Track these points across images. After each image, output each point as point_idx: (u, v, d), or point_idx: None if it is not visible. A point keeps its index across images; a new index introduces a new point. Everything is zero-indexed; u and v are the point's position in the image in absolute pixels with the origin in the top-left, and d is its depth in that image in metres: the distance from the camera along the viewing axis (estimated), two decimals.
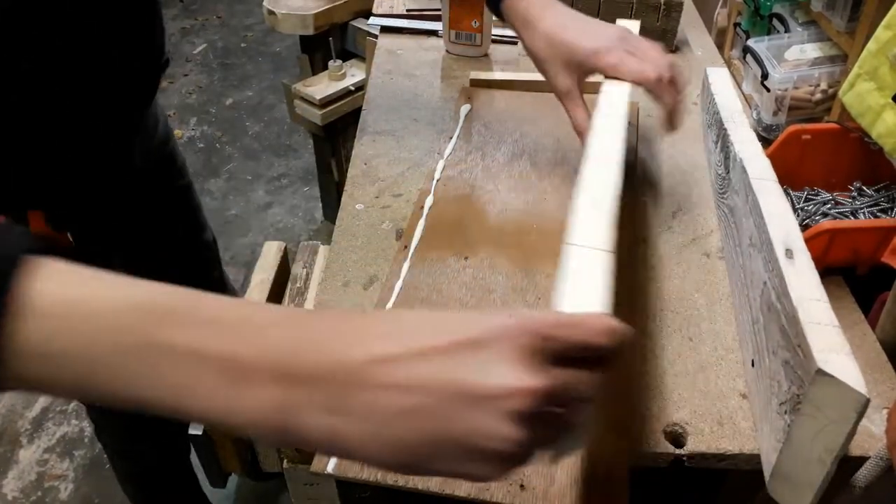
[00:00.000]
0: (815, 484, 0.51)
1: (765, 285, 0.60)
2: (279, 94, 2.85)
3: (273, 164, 2.55)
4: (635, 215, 0.83)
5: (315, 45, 1.78)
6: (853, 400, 0.47)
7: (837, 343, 0.50)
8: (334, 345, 0.34)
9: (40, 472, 1.56)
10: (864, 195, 0.83)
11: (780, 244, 0.59)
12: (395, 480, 0.55)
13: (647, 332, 0.69)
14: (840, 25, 0.92)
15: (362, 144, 0.94)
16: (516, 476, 0.55)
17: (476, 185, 0.86)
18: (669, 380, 0.64)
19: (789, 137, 0.82)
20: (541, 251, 0.76)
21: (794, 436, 0.50)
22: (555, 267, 0.73)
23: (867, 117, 0.72)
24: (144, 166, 0.89)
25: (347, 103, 1.75)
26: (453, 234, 0.78)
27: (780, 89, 0.97)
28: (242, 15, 3.52)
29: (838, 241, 0.72)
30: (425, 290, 0.71)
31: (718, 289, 0.74)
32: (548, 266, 0.74)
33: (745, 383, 0.64)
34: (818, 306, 0.53)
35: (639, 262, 0.77)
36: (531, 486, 0.55)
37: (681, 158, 0.92)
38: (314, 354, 0.33)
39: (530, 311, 0.37)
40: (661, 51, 0.74)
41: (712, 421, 0.61)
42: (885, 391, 0.64)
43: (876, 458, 0.54)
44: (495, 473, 0.34)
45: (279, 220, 2.30)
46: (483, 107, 1.00)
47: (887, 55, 0.69)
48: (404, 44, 1.17)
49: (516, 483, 0.55)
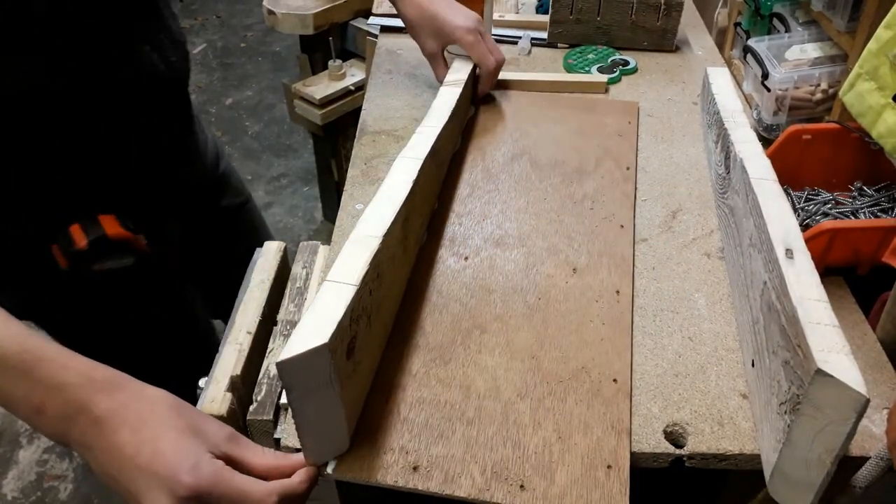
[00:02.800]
0: (815, 484, 0.51)
1: (765, 285, 0.60)
2: (279, 94, 2.85)
3: (273, 164, 2.55)
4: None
5: (315, 44, 1.78)
6: (853, 400, 0.47)
7: (837, 343, 0.50)
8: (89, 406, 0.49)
9: (40, 473, 1.56)
10: (865, 195, 0.83)
11: (780, 244, 0.59)
12: (394, 481, 0.55)
13: (647, 331, 0.69)
14: (840, 25, 0.92)
15: (362, 144, 0.94)
16: (516, 476, 0.55)
17: (476, 186, 0.86)
18: (669, 380, 0.64)
19: (790, 137, 0.82)
20: (540, 251, 0.77)
21: (794, 436, 0.50)
22: (556, 267, 0.74)
23: (868, 117, 0.72)
24: (193, 184, 0.92)
25: (347, 103, 1.75)
26: (454, 236, 0.78)
27: (780, 89, 0.97)
28: (242, 15, 3.52)
29: (839, 241, 0.72)
30: (427, 292, 0.71)
31: (718, 289, 0.74)
32: (548, 267, 0.74)
33: (745, 383, 0.64)
34: (818, 306, 0.53)
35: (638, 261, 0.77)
36: (531, 487, 0.55)
37: (681, 158, 0.92)
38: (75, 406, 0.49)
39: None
40: (499, 50, 0.98)
41: (712, 421, 0.61)
42: (885, 391, 0.64)
43: (876, 458, 0.54)
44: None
45: (279, 220, 2.30)
46: (483, 107, 1.01)
47: (888, 55, 0.69)
48: (404, 44, 1.17)
49: (516, 483, 0.55)
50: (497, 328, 0.68)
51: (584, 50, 1.15)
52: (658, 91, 1.06)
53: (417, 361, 0.64)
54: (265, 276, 0.76)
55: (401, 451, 0.57)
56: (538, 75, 1.07)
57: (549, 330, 0.68)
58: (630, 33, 1.14)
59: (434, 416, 0.60)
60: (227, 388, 0.64)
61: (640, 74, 1.10)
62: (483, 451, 0.57)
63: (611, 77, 1.07)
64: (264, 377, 0.65)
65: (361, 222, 0.62)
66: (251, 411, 0.62)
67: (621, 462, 0.57)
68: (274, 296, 0.75)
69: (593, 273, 0.74)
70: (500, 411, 0.60)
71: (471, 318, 0.69)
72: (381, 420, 0.59)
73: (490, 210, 0.82)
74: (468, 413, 0.60)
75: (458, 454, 0.57)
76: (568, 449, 0.57)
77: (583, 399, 0.61)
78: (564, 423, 0.59)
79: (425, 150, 0.74)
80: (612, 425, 0.59)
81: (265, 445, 0.65)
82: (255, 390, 0.64)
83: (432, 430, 0.58)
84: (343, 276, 0.55)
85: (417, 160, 0.72)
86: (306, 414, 0.51)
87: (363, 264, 0.57)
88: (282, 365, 0.48)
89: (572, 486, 0.55)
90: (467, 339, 0.66)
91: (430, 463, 0.56)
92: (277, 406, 0.63)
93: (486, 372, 0.63)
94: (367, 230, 0.61)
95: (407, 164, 0.71)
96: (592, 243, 0.77)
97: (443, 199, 0.84)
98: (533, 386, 0.62)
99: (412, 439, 0.58)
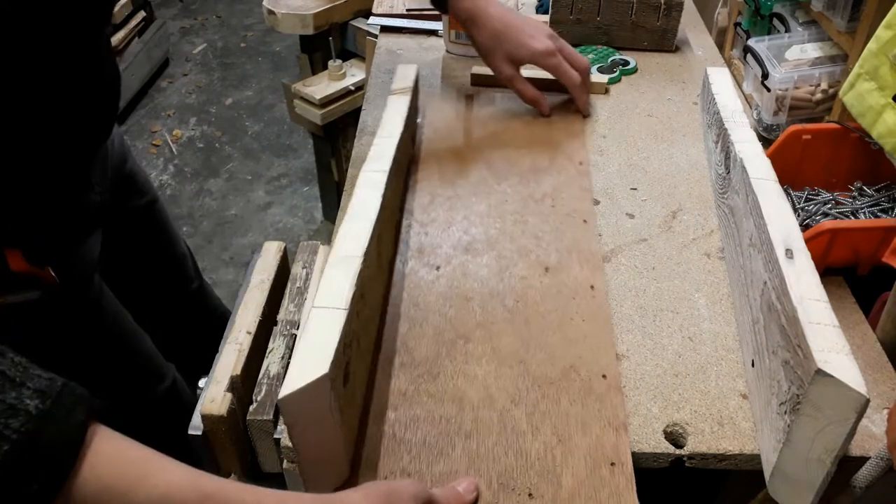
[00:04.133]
0: (815, 484, 0.51)
1: (765, 285, 0.60)
2: (279, 94, 2.85)
3: (273, 163, 2.54)
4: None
5: (315, 44, 1.77)
6: (853, 400, 0.47)
7: (837, 343, 0.50)
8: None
9: None
10: (865, 195, 0.83)
11: (780, 244, 0.59)
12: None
13: (647, 332, 0.69)
14: (840, 25, 0.92)
15: (362, 144, 0.94)
16: (523, 486, 0.55)
17: (436, 193, 0.84)
18: (669, 380, 0.64)
19: (790, 137, 0.82)
20: (511, 254, 0.76)
21: (794, 436, 0.50)
22: (528, 268, 0.74)
23: (868, 117, 0.72)
24: (102, 189, 0.85)
25: (347, 103, 1.75)
26: (422, 246, 0.77)
27: (780, 89, 0.97)
28: (242, 15, 3.52)
29: (839, 241, 0.72)
30: (403, 306, 0.70)
31: (718, 289, 0.74)
32: (521, 268, 0.74)
33: (745, 383, 0.64)
34: (818, 306, 0.53)
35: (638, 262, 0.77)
36: (539, 494, 0.54)
37: (681, 158, 0.92)
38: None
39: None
40: (580, 55, 0.97)
41: (712, 421, 0.61)
42: (885, 391, 0.64)
43: (876, 458, 0.54)
44: None
45: (279, 220, 2.30)
46: (429, 111, 0.99)
47: (888, 55, 0.69)
48: (404, 44, 1.17)
49: (524, 492, 0.54)
50: (481, 336, 0.67)
51: (584, 50, 1.15)
52: (658, 91, 1.06)
53: (405, 379, 0.63)
54: (265, 276, 0.76)
55: (402, 473, 0.56)
56: (537, 72, 1.07)
57: (532, 332, 0.67)
58: (630, 33, 1.14)
59: (431, 434, 0.58)
60: (227, 388, 0.64)
61: (640, 74, 1.10)
62: (486, 463, 0.56)
63: (611, 77, 1.07)
64: (264, 377, 0.65)
65: (338, 241, 0.61)
66: (251, 411, 0.62)
67: (623, 458, 0.57)
68: (274, 296, 0.75)
69: (565, 270, 0.74)
70: (496, 420, 0.59)
71: (452, 328, 0.67)
72: (377, 444, 0.58)
73: (454, 216, 0.81)
74: (465, 426, 0.59)
75: (461, 470, 0.56)
76: (569, 451, 0.57)
77: (576, 399, 0.61)
78: (562, 425, 0.59)
79: (388, 162, 0.72)
80: (608, 422, 0.59)
81: (265, 445, 0.65)
82: (255, 390, 0.64)
83: (431, 448, 0.57)
84: (331, 301, 0.54)
85: (383, 173, 0.71)
86: (309, 446, 0.51)
87: (349, 286, 0.56)
88: (283, 401, 0.47)
89: (580, 488, 0.55)
90: (452, 351, 0.65)
91: (433, 482, 0.55)
92: (277, 406, 0.63)
93: (477, 381, 0.62)
94: (346, 250, 0.60)
95: (374, 178, 0.70)
96: (560, 241, 0.77)
97: (405, 209, 0.82)
98: (525, 391, 0.62)
99: (412, 460, 0.56)
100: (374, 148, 0.75)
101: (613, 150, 0.94)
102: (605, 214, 0.83)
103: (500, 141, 0.93)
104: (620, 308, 0.71)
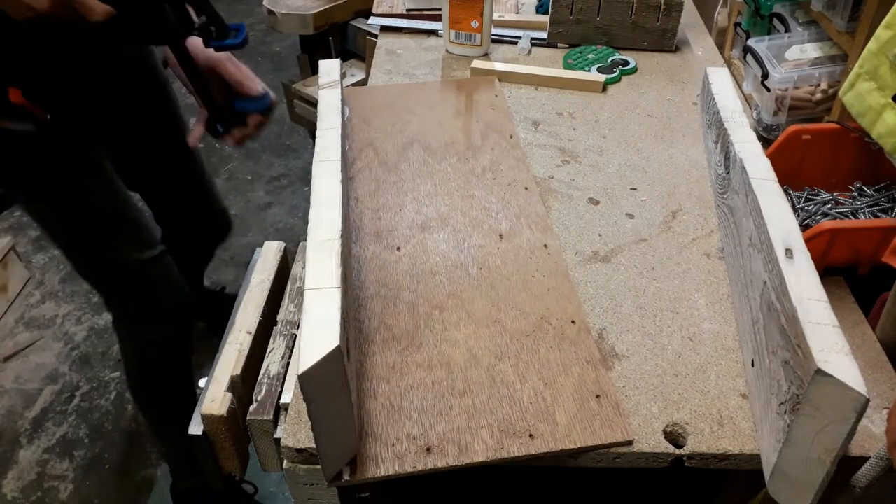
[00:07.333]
0: (815, 484, 0.51)
1: (765, 285, 0.60)
2: (279, 94, 2.84)
3: (273, 164, 2.55)
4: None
5: (315, 44, 1.78)
6: (853, 400, 0.47)
7: (837, 343, 0.50)
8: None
9: (40, 473, 1.56)
10: (865, 195, 0.83)
11: (780, 244, 0.59)
12: (413, 467, 0.56)
13: (647, 332, 0.69)
14: (840, 25, 0.92)
15: None
16: (522, 429, 0.58)
17: (380, 180, 0.87)
18: (669, 380, 0.64)
19: (789, 137, 0.82)
20: (465, 227, 0.79)
21: (794, 436, 0.50)
22: (484, 237, 0.77)
23: (867, 117, 0.72)
24: (128, 56, 0.99)
25: None
26: (378, 230, 0.79)
27: (780, 89, 0.97)
28: (242, 15, 3.52)
29: (839, 241, 0.72)
30: (373, 288, 0.72)
31: (718, 289, 0.74)
32: (477, 238, 0.78)
33: (745, 383, 0.64)
34: (818, 306, 0.53)
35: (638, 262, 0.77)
36: (539, 433, 0.58)
37: (681, 158, 0.92)
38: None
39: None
40: None
41: (712, 421, 0.61)
42: (885, 391, 0.64)
43: (876, 458, 0.54)
44: None
45: (279, 220, 2.30)
46: (355, 104, 1.02)
47: (888, 55, 0.69)
48: (404, 44, 1.17)
49: (525, 434, 0.58)
50: (453, 304, 0.70)
51: (584, 50, 1.15)
52: (658, 91, 1.06)
53: (391, 354, 0.65)
54: (265, 276, 0.76)
55: (408, 438, 0.58)
56: (536, 69, 1.07)
57: (500, 293, 0.71)
58: (630, 33, 1.14)
59: (427, 398, 0.61)
60: (227, 388, 0.64)
61: (640, 74, 1.10)
62: (484, 415, 0.60)
63: (611, 77, 1.07)
64: (264, 377, 0.65)
65: (313, 228, 0.63)
66: (251, 411, 0.62)
67: (606, 388, 0.62)
68: (274, 296, 0.75)
69: (518, 235, 0.78)
70: (485, 376, 0.63)
71: (425, 301, 0.70)
72: (378, 416, 0.60)
73: (403, 199, 0.84)
74: (457, 386, 0.62)
75: (463, 425, 0.59)
76: (557, 392, 0.62)
77: (553, 345, 0.66)
78: (545, 371, 0.63)
79: (337, 151, 0.74)
80: (586, 360, 0.64)
81: (265, 445, 0.65)
82: (255, 390, 0.64)
83: (430, 411, 0.60)
84: (322, 282, 0.56)
85: (336, 161, 0.72)
86: (325, 422, 0.52)
87: (336, 266, 0.57)
88: (303, 377, 0.48)
89: (574, 422, 0.59)
90: (430, 321, 0.68)
91: (440, 441, 0.58)
92: (277, 406, 0.63)
93: (459, 345, 0.66)
94: (323, 234, 0.62)
95: (329, 167, 0.72)
96: (508, 209, 0.82)
97: (351, 196, 0.84)
98: (505, 346, 0.66)
99: (414, 425, 0.59)
100: (319, 140, 0.77)
101: (613, 150, 0.94)
102: (605, 214, 0.83)
103: (431, 124, 0.97)
104: (620, 308, 0.71)
